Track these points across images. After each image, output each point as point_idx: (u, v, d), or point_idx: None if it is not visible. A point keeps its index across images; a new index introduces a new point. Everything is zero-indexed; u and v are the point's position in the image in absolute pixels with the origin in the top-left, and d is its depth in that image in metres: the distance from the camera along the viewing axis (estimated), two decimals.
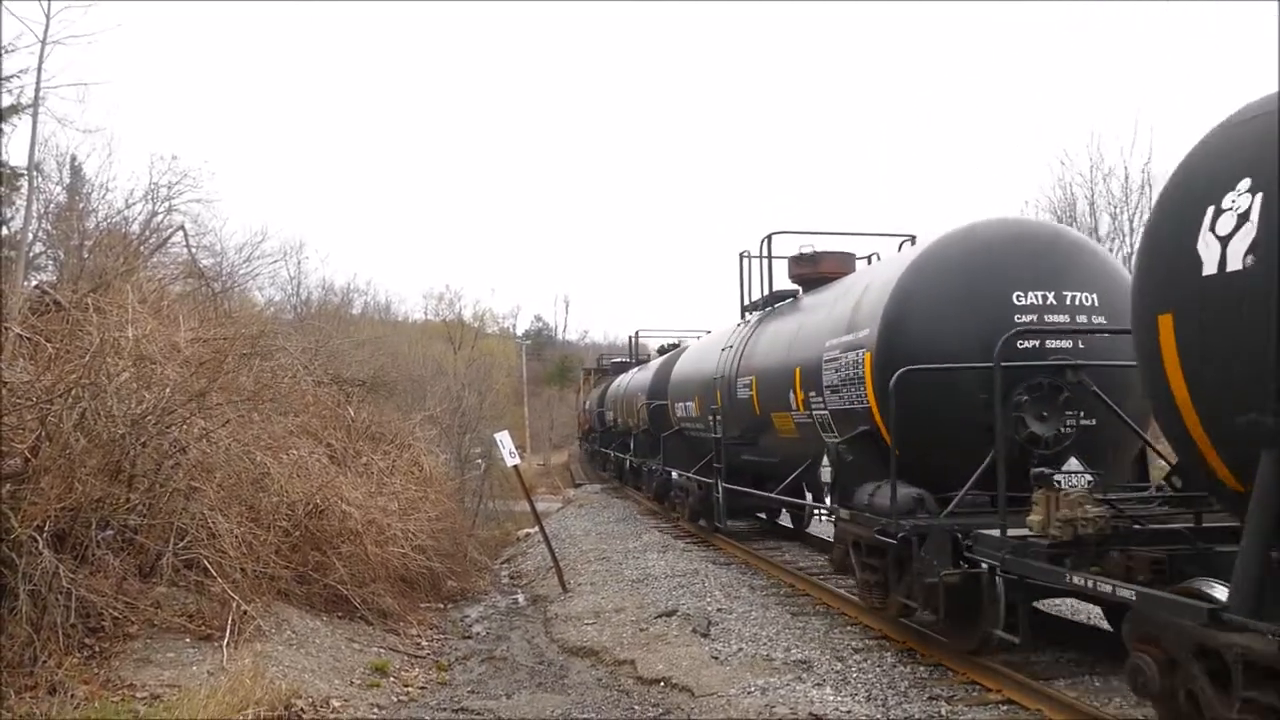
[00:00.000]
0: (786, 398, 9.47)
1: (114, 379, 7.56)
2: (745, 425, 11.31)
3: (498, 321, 72.53)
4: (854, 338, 7.89)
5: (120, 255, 12.77)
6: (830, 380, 8.29)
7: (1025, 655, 6.63)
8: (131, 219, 16.48)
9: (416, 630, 9.63)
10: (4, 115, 13.48)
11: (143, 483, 7.67)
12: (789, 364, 9.48)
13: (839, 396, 8.13)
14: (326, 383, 13.66)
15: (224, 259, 20.29)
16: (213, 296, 14.48)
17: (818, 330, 8.89)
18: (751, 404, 10.75)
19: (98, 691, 6.04)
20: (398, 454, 12.96)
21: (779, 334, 10.40)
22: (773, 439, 10.44)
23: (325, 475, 9.73)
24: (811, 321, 9.36)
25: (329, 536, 9.21)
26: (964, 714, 5.97)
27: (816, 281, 10.54)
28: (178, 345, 8.85)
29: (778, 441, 10.30)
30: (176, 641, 6.96)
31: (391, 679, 7.73)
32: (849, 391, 7.91)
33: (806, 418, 9.01)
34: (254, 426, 9.47)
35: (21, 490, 6.66)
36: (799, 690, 6.50)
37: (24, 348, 8.36)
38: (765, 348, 10.72)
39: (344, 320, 29.89)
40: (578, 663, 8.23)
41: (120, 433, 7.38)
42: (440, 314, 61.11)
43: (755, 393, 10.63)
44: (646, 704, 6.79)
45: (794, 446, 9.79)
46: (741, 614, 8.91)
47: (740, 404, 11.21)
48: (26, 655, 6.05)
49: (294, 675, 6.87)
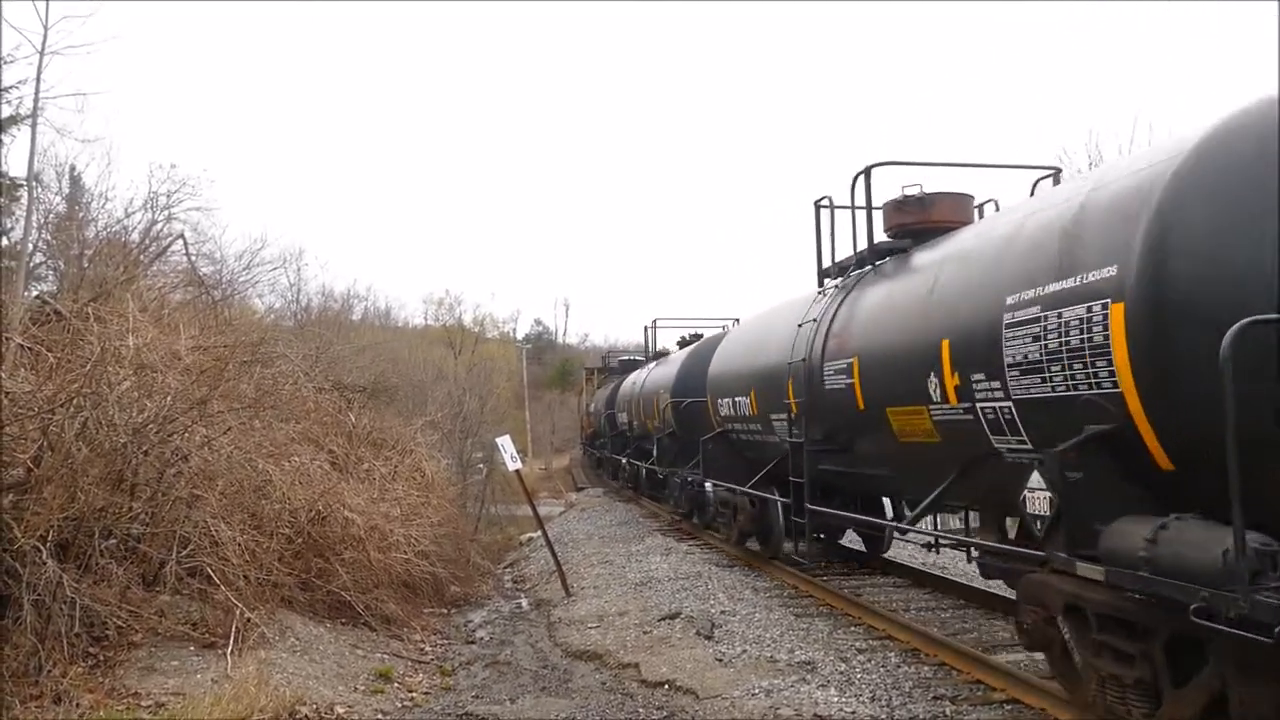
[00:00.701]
0: (920, 385, 6.70)
1: (115, 388, 7.56)
2: (835, 426, 8.66)
3: (498, 326, 72.84)
4: (1078, 284, 5.09)
5: (120, 264, 12.81)
6: (1020, 354, 5.49)
7: None
8: (131, 228, 16.57)
9: (420, 636, 9.63)
10: (3, 126, 13.54)
11: (145, 491, 7.68)
12: (926, 337, 6.68)
13: (1041, 379, 5.39)
14: (327, 389, 13.69)
15: (224, 267, 20.40)
16: (213, 304, 14.51)
17: (984, 282, 6.08)
18: (850, 397, 8.02)
19: (103, 700, 6.04)
20: (399, 460, 12.97)
21: (897, 299, 7.58)
22: (885, 444, 7.68)
23: (327, 482, 9.74)
24: (962, 275, 6.53)
25: (331, 543, 9.22)
26: (968, 714, 5.96)
27: (928, 233, 8.16)
28: (178, 353, 8.86)
29: (895, 448, 7.52)
30: (181, 649, 6.97)
31: (396, 685, 7.73)
32: (1069, 369, 5.13)
33: (961, 413, 6.28)
34: (255, 434, 9.48)
35: (24, 500, 6.67)
36: (803, 691, 6.51)
37: (25, 358, 8.37)
38: (873, 319, 7.91)
39: (344, 326, 30.04)
40: (582, 666, 8.23)
41: (122, 441, 7.39)
42: (440, 319, 61.35)
43: (857, 381, 7.90)
44: (651, 707, 6.79)
45: (927, 455, 7.03)
46: (745, 616, 8.91)
47: (830, 397, 8.47)
48: (31, 665, 6.05)
49: (298, 682, 6.88)
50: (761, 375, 10.54)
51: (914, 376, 6.77)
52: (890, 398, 7.32)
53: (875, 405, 7.60)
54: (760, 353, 10.84)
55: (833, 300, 9.00)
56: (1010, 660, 6.89)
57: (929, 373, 6.57)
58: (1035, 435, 5.54)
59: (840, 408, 8.30)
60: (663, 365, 19.02)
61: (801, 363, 9.08)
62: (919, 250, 7.97)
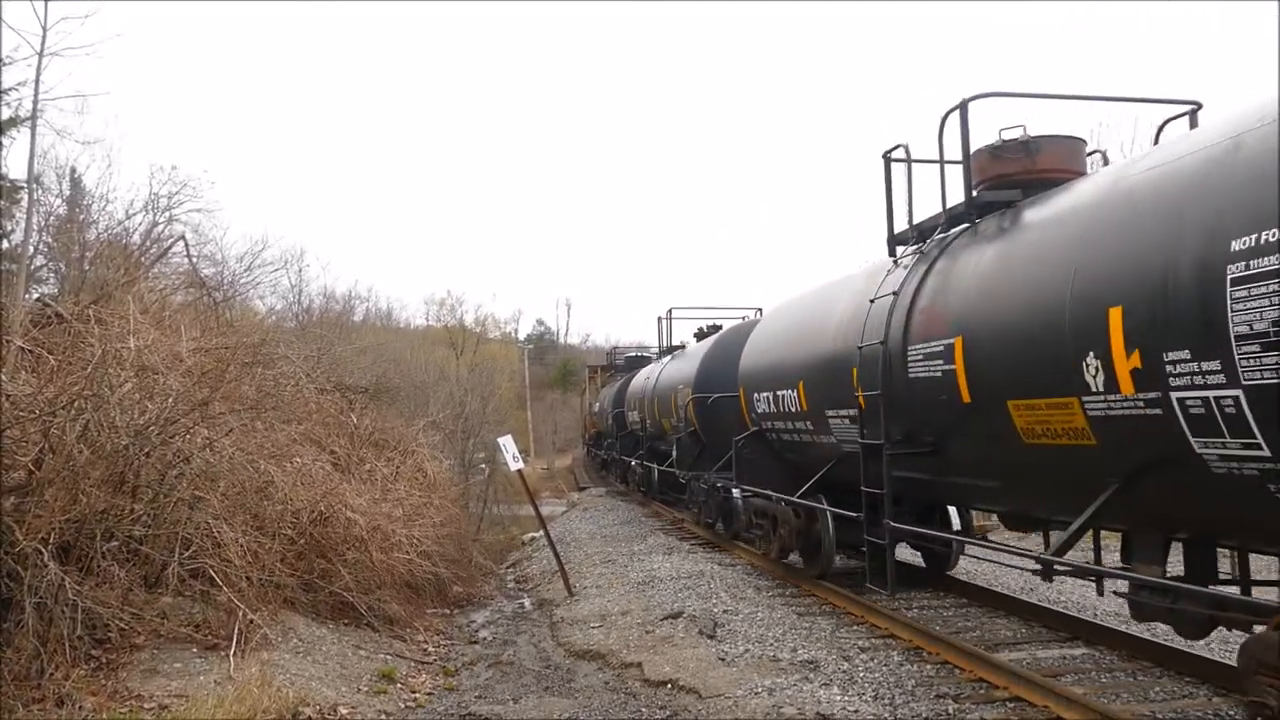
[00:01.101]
0: (1067, 370, 5.24)
1: (116, 390, 7.57)
2: (920, 423, 7.15)
3: (500, 326, 73.01)
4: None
5: (121, 266, 12.80)
6: (1257, 320, 4.05)
7: None
8: (132, 230, 16.59)
9: (423, 636, 9.64)
10: (3, 128, 13.53)
11: (147, 493, 7.68)
12: (1080, 306, 5.16)
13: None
14: (329, 390, 13.69)
15: (225, 268, 20.45)
16: (214, 306, 14.51)
17: (1178, 229, 4.55)
18: (948, 388, 6.51)
19: (105, 703, 6.05)
20: (401, 460, 12.98)
21: (1017, 262, 6.04)
22: (999, 447, 6.17)
23: (329, 483, 9.74)
24: (1133, 221, 4.95)
25: (334, 544, 9.22)
26: (971, 712, 5.96)
27: (1033, 186, 6.79)
28: (180, 355, 8.86)
29: (1015, 453, 5.98)
30: (183, 651, 6.97)
31: (399, 685, 7.74)
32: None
33: (1141, 405, 4.78)
34: (257, 435, 9.48)
35: (26, 503, 6.67)
36: (806, 690, 6.50)
37: (26, 360, 8.38)
38: (984, 289, 6.32)
39: (346, 327, 30.06)
40: (584, 666, 8.22)
41: (124, 444, 7.39)
42: (442, 319, 61.45)
43: (961, 367, 6.37)
44: (654, 706, 6.79)
45: (1070, 462, 5.50)
46: (748, 615, 8.91)
47: (917, 388, 7.00)
48: (34, 667, 6.05)
49: (301, 683, 6.88)
50: (814, 364, 9.11)
51: (1057, 359, 5.32)
52: (1014, 387, 5.80)
53: (988, 397, 6.12)
54: (811, 338, 9.36)
55: (915, 270, 7.47)
56: (1012, 658, 6.89)
57: (1085, 353, 5.10)
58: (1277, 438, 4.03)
59: (931, 401, 6.81)
60: (680, 359, 17.81)
61: (879, 346, 7.48)
62: (1035, 203, 6.46)
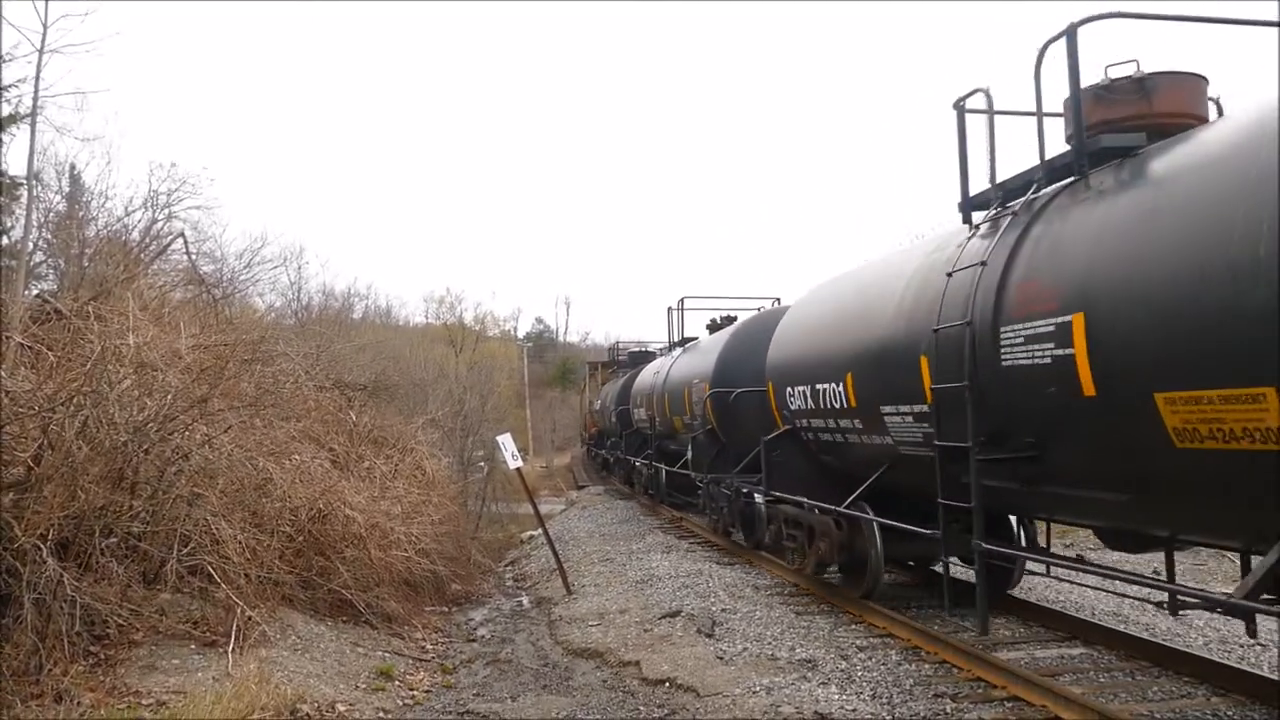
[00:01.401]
0: (1247, 351, 4.15)
1: (116, 386, 7.57)
2: (1015, 422, 5.93)
3: (499, 324, 72.87)
4: None
5: (120, 263, 12.80)
6: None
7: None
8: (131, 226, 16.56)
9: (421, 634, 9.64)
10: (3, 124, 13.52)
11: (145, 490, 7.69)
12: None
13: None
14: (328, 387, 13.71)
15: (224, 265, 20.42)
16: (213, 303, 14.52)
17: None
18: (1062, 377, 5.30)
19: (104, 699, 6.05)
20: (400, 458, 12.99)
21: (1165, 215, 4.76)
22: (1137, 451, 4.97)
23: (328, 480, 9.75)
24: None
25: (332, 541, 9.22)
26: (969, 711, 5.96)
27: (1150, 129, 5.63)
28: (179, 352, 8.87)
29: (1160, 458, 4.80)
30: (182, 648, 6.98)
31: (397, 682, 7.74)
32: None
33: None
34: (256, 432, 9.49)
35: (25, 499, 6.67)
36: (804, 689, 6.50)
37: (25, 356, 8.37)
38: (1115, 252, 5.02)
39: (345, 325, 30.03)
40: (582, 664, 8.23)
41: (122, 440, 7.40)
42: (441, 317, 61.35)
43: (1082, 351, 5.11)
44: (652, 705, 6.79)
45: (1241, 471, 4.36)
46: (746, 614, 8.91)
47: (1014, 378, 5.79)
48: (32, 663, 6.06)
49: (299, 680, 6.89)
50: (867, 353, 7.87)
51: (1238, 340, 4.19)
52: (1166, 376, 4.62)
53: (1124, 389, 4.92)
54: (863, 322, 8.09)
55: (1006, 234, 6.21)
56: (1010, 658, 6.90)
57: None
58: None
59: (1033, 394, 5.62)
60: (693, 352, 16.35)
61: (963, 327, 6.22)
62: (1159, 156, 5.21)
